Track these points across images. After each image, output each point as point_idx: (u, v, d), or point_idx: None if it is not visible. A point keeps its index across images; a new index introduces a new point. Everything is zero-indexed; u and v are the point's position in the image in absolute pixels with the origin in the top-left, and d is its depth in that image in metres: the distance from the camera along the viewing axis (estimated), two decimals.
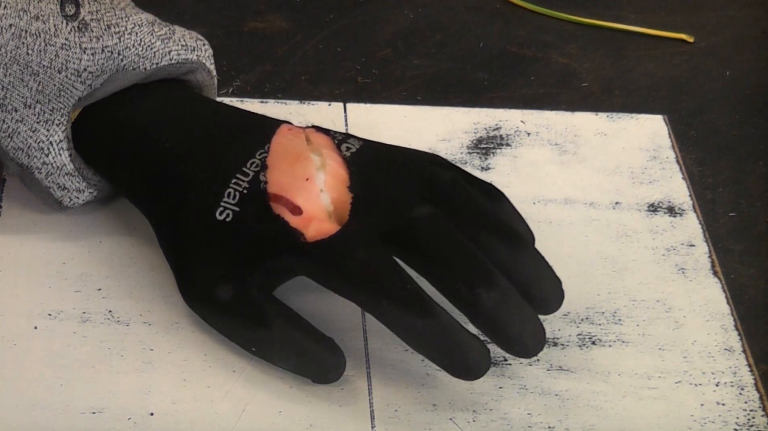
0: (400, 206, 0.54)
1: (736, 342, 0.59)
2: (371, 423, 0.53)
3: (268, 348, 0.54)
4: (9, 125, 0.56)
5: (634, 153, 0.69)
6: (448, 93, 0.72)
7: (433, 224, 0.54)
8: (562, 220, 0.64)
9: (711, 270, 0.62)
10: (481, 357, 0.52)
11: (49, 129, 0.56)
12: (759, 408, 0.56)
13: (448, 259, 0.53)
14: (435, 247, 0.53)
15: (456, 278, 0.52)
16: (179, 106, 0.59)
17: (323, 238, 0.53)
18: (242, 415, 0.53)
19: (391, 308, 0.51)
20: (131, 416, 0.52)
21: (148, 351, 0.55)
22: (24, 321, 0.56)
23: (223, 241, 0.54)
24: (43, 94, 0.55)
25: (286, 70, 0.73)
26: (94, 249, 0.59)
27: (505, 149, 0.68)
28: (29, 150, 0.56)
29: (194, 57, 0.59)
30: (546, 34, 0.78)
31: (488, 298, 0.51)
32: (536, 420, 0.54)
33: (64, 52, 0.55)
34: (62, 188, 0.57)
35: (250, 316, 0.53)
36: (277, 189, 0.54)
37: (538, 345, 0.53)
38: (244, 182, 0.55)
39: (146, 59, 0.57)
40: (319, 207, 0.54)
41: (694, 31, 0.79)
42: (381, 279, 0.52)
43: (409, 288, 0.52)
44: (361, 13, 0.78)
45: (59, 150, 0.56)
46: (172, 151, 0.57)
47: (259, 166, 0.55)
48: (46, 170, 0.57)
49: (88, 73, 0.56)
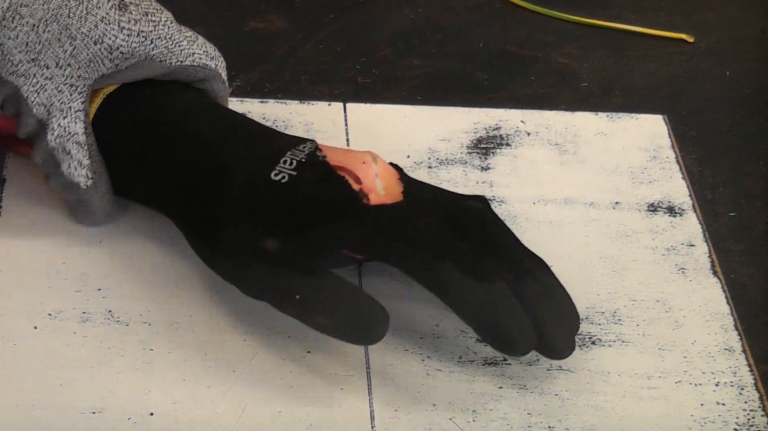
0: (449, 201, 0.56)
1: (736, 342, 0.59)
2: (371, 423, 0.53)
3: (315, 295, 0.53)
4: (38, 81, 0.56)
5: (634, 153, 0.69)
6: (448, 93, 0.72)
7: (486, 214, 0.55)
8: (562, 220, 0.64)
9: (711, 270, 0.62)
10: (528, 335, 0.53)
11: (72, 94, 0.57)
12: (759, 408, 0.56)
13: (500, 245, 0.54)
14: (496, 228, 0.55)
15: (502, 267, 0.53)
16: (210, 108, 0.60)
17: (385, 203, 0.54)
18: (242, 415, 0.53)
19: (452, 270, 0.52)
20: (131, 416, 0.52)
21: (148, 351, 0.55)
22: (24, 321, 0.56)
23: (276, 200, 0.54)
24: (76, 59, 0.56)
25: (286, 70, 0.73)
26: (94, 249, 0.59)
27: (505, 149, 0.68)
28: (51, 108, 0.57)
29: (213, 65, 0.60)
30: (546, 34, 0.78)
31: (533, 289, 0.53)
32: (536, 420, 0.54)
33: (102, 25, 0.56)
34: (67, 153, 0.57)
35: (300, 264, 0.53)
36: (338, 162, 0.56)
37: (569, 349, 0.55)
38: (301, 154, 0.56)
39: (173, 54, 0.58)
40: (375, 186, 0.55)
41: (694, 31, 0.79)
42: (444, 242, 0.53)
43: (471, 254, 0.53)
44: (361, 13, 0.78)
45: (76, 117, 0.57)
46: (211, 136, 0.57)
47: (312, 149, 0.56)
48: (59, 131, 0.57)
49: (119, 53, 0.57)
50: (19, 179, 0.62)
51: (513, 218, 0.64)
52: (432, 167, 0.66)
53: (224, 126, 0.58)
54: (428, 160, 0.66)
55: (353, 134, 0.68)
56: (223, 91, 0.62)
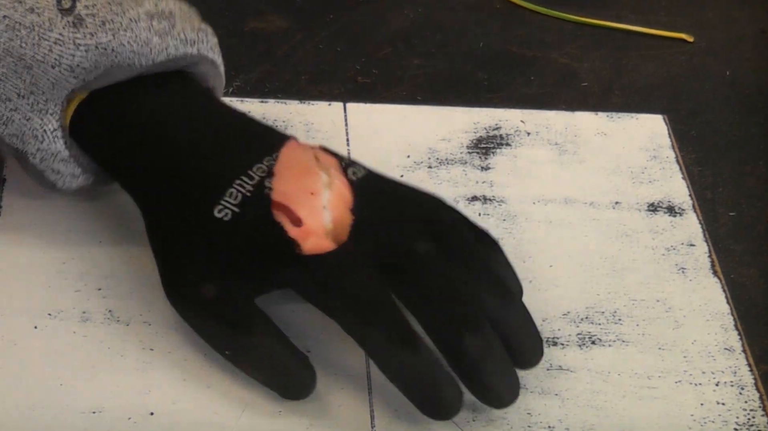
0: (400, 238, 0.54)
1: (736, 341, 0.59)
2: (371, 423, 0.53)
3: (244, 354, 0.53)
4: (3, 113, 0.55)
5: (634, 153, 0.69)
6: (448, 93, 0.72)
7: (431, 262, 0.53)
8: (562, 220, 0.64)
9: (711, 270, 0.62)
10: (455, 398, 0.52)
11: (42, 118, 0.56)
12: (759, 408, 0.56)
13: (439, 300, 0.52)
14: (428, 285, 0.53)
15: (444, 321, 0.52)
16: (187, 104, 0.59)
17: (319, 253, 0.53)
18: (242, 415, 0.53)
19: (377, 337, 0.51)
20: (131, 416, 0.52)
21: (148, 350, 0.55)
22: (24, 321, 0.56)
23: (217, 240, 0.54)
24: (37, 86, 0.55)
25: (286, 70, 0.73)
26: (94, 249, 0.59)
27: (505, 149, 0.68)
28: (23, 137, 0.56)
29: (194, 51, 0.58)
30: (546, 34, 0.78)
31: (473, 345, 0.51)
32: (536, 420, 0.54)
33: (57, 48, 0.55)
34: (56, 173, 0.57)
35: (232, 319, 0.53)
36: (281, 198, 0.54)
37: (513, 398, 0.53)
38: (248, 185, 0.54)
39: (141, 56, 0.56)
40: (319, 224, 0.54)
41: (694, 31, 0.79)
42: (372, 305, 0.52)
43: (399, 320, 0.52)
44: (361, 13, 0.78)
45: (53, 138, 0.56)
46: (179, 144, 0.56)
47: (265, 172, 0.55)
48: (40, 156, 0.56)
49: (81, 69, 0.55)
50: (19, 179, 0.62)
51: (513, 218, 0.64)
52: (432, 166, 0.66)
53: (191, 130, 0.57)
54: (428, 160, 0.66)
55: (353, 134, 0.68)
56: (212, 70, 0.60)
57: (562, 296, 0.60)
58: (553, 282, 0.61)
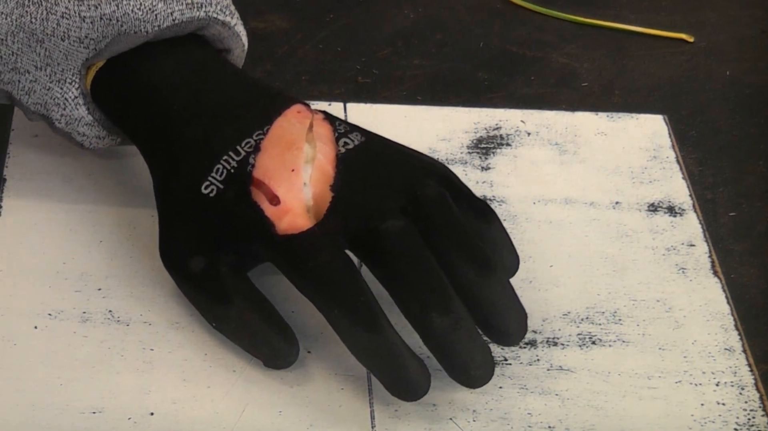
0: (375, 214, 0.54)
1: (736, 341, 0.59)
2: (371, 423, 0.53)
3: (225, 324, 0.55)
4: (25, 85, 0.57)
5: (634, 153, 0.69)
6: (448, 93, 0.72)
7: (401, 239, 0.53)
8: (562, 220, 0.64)
9: (711, 270, 0.62)
10: (421, 379, 0.52)
11: (62, 87, 0.58)
12: (759, 408, 0.56)
13: (408, 277, 0.52)
14: (398, 263, 0.53)
15: (412, 298, 0.52)
16: (195, 70, 0.59)
17: (293, 233, 0.53)
18: (242, 415, 0.53)
19: (341, 318, 0.52)
20: (131, 416, 0.52)
21: (148, 350, 0.55)
22: (24, 321, 0.56)
23: (203, 215, 0.55)
24: (51, 58, 0.57)
25: (286, 70, 0.73)
26: (94, 249, 0.59)
27: (505, 149, 0.68)
28: (47, 105, 0.58)
29: (201, 14, 0.58)
30: (546, 34, 0.78)
31: (440, 323, 0.51)
32: (536, 420, 0.54)
33: (65, 21, 0.56)
34: (82, 135, 0.59)
35: (214, 291, 0.54)
36: (262, 175, 0.55)
37: (485, 376, 0.53)
38: (233, 161, 0.55)
39: (147, 23, 0.57)
40: (299, 201, 0.54)
41: (694, 31, 0.79)
42: (337, 286, 0.52)
43: (363, 300, 0.52)
44: (361, 13, 0.78)
45: (75, 105, 0.58)
46: (177, 114, 0.57)
47: (252, 147, 0.55)
48: (65, 121, 0.58)
49: (90, 40, 0.57)
50: (19, 179, 0.62)
51: (513, 217, 0.64)
52: None
53: (192, 100, 0.57)
54: None
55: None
56: (227, 32, 0.60)
57: (563, 296, 0.60)
58: (554, 282, 0.61)
